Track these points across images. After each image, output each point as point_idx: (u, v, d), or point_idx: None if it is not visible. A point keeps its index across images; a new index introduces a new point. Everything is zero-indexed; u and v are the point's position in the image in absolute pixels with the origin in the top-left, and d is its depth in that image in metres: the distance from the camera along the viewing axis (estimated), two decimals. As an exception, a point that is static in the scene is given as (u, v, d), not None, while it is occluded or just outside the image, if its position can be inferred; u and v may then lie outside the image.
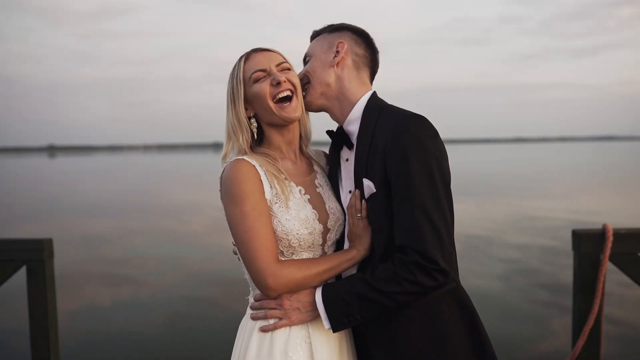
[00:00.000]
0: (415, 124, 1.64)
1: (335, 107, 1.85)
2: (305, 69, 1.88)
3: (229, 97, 1.81)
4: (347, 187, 1.85)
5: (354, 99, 1.82)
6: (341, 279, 1.73)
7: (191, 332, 5.74)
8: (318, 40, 1.90)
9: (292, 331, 1.71)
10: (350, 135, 1.83)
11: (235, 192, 1.66)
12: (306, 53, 1.92)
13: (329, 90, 1.83)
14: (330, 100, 1.84)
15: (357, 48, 1.86)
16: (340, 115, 1.85)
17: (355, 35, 1.87)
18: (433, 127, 1.66)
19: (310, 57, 1.88)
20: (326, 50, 1.85)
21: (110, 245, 10.98)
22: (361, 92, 1.83)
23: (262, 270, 1.64)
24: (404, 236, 1.60)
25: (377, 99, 1.83)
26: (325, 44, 1.86)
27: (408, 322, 1.68)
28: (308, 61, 1.89)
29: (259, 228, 1.65)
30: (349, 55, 1.83)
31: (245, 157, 1.73)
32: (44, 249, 3.11)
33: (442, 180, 1.62)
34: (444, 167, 1.64)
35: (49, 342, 3.16)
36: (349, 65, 1.83)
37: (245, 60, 1.80)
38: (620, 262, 2.91)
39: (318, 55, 1.86)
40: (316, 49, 1.88)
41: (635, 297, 6.36)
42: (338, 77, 1.82)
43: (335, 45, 1.84)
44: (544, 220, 12.63)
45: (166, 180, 32.71)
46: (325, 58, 1.84)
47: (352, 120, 1.81)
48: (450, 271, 1.60)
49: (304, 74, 1.87)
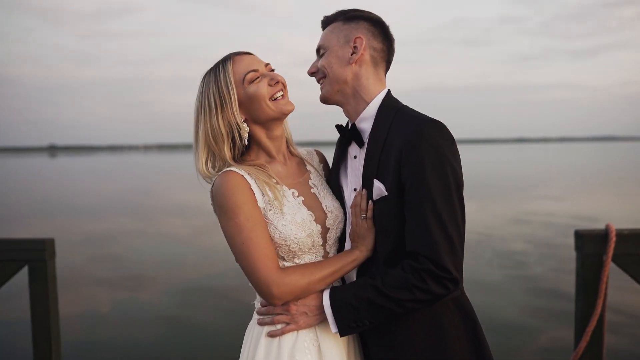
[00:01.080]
0: (433, 130, 1.62)
1: (349, 103, 1.80)
2: (321, 63, 1.80)
3: (212, 102, 1.73)
4: (352, 184, 1.82)
5: (370, 96, 1.77)
6: (349, 283, 1.72)
7: (192, 332, 5.74)
8: (333, 31, 1.80)
9: (300, 335, 1.70)
10: (361, 132, 1.79)
11: (227, 205, 1.64)
12: (320, 44, 1.82)
13: (346, 88, 1.78)
14: (345, 96, 1.79)
15: (374, 42, 1.78)
16: (353, 111, 1.81)
17: (372, 26, 1.78)
18: (450, 134, 1.64)
19: (325, 50, 1.79)
20: (343, 45, 1.77)
21: (110, 245, 10.97)
22: (377, 90, 1.79)
23: (265, 280, 1.62)
24: (416, 242, 1.58)
25: (392, 99, 1.79)
26: (342, 37, 1.77)
27: (410, 327, 1.67)
28: (323, 54, 1.80)
29: (256, 238, 1.63)
30: (366, 51, 1.76)
31: (233, 168, 1.70)
32: (46, 249, 3.11)
33: (456, 188, 1.61)
34: (458, 175, 1.63)
35: (51, 342, 3.16)
36: (366, 61, 1.77)
37: (233, 63, 1.75)
38: (623, 263, 2.90)
39: (334, 49, 1.77)
40: (331, 41, 1.78)
41: (638, 298, 6.35)
42: (355, 75, 1.76)
43: (352, 40, 1.76)
44: (545, 220, 12.61)
45: (167, 180, 32.71)
46: (342, 54, 1.76)
47: (365, 117, 1.78)
48: (461, 280, 1.60)
49: (320, 68, 1.80)
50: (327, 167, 2.01)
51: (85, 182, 31.02)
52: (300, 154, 1.95)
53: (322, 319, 1.68)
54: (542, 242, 10.32)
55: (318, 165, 1.96)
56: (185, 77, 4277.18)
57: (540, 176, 28.50)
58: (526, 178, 27.56)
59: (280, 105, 1.76)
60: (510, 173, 30.60)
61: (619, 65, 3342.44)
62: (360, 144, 1.78)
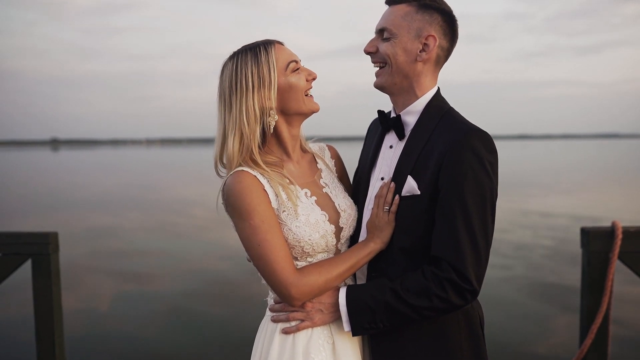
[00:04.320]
0: (479, 140, 1.59)
1: (401, 95, 1.75)
2: (385, 50, 1.70)
3: (250, 81, 1.65)
4: (381, 173, 1.78)
5: (422, 92, 1.73)
6: (366, 283, 1.70)
7: (195, 325, 5.74)
8: (404, 18, 1.68)
9: (314, 332, 1.68)
10: (404, 124, 1.74)
11: (242, 206, 1.61)
12: (385, 27, 1.70)
13: (404, 81, 1.72)
14: (400, 89, 1.74)
15: (444, 41, 1.71)
16: (401, 103, 1.76)
17: (445, 23, 1.69)
18: (494, 145, 1.62)
19: (392, 36, 1.68)
20: (413, 39, 1.67)
21: (113, 239, 10.98)
22: (430, 87, 1.74)
23: (283, 282, 1.60)
24: (442, 248, 1.56)
25: (440, 98, 1.76)
26: (413, 29, 1.67)
27: (416, 335, 1.66)
28: (387, 39, 1.70)
29: (272, 240, 1.60)
30: (435, 50, 1.69)
31: (245, 168, 1.66)
32: (50, 243, 3.10)
33: (491, 201, 1.60)
34: (494, 189, 1.61)
35: (54, 335, 3.15)
36: (432, 60, 1.71)
37: (276, 48, 1.70)
38: (630, 261, 2.88)
39: (403, 39, 1.67)
40: (401, 29, 1.67)
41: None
42: (418, 72, 1.70)
43: (424, 36, 1.66)
44: (548, 218, 12.59)
45: (169, 174, 32.74)
46: (411, 47, 1.67)
47: (411, 111, 1.73)
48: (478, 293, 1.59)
49: (382, 53, 1.71)
50: (339, 162, 1.99)
51: (88, 176, 31.06)
52: (312, 149, 1.92)
53: (338, 316, 1.67)
54: (546, 239, 10.30)
55: (329, 161, 1.94)
56: (187, 72, 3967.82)
57: (544, 173, 28.44)
58: (529, 175, 27.50)
59: (311, 102, 1.75)
60: (514, 170, 30.53)
61: (623, 62, 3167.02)
62: (400, 135, 1.74)
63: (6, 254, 3.12)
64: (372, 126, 1.99)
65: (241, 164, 1.68)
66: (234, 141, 1.67)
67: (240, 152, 1.67)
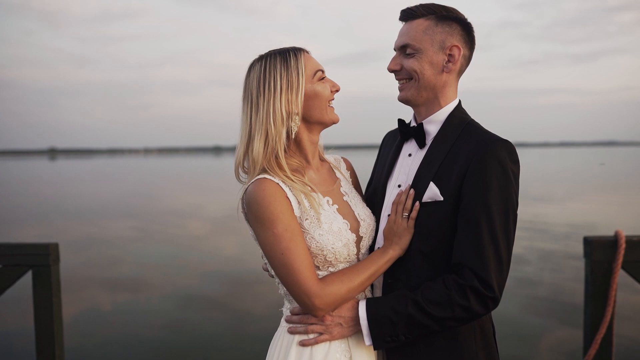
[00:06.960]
0: (504, 150, 1.61)
1: (425, 105, 1.77)
2: (411, 65, 1.71)
3: (279, 84, 1.66)
4: (398, 180, 1.79)
5: (445, 102, 1.75)
6: (386, 296, 1.69)
7: (193, 335, 5.71)
8: (426, 32, 1.70)
9: (332, 345, 1.67)
10: (426, 133, 1.76)
11: (265, 214, 1.59)
12: (408, 43, 1.71)
13: (431, 93, 1.74)
14: (426, 100, 1.75)
15: (466, 50, 1.73)
16: (424, 113, 1.77)
17: (464, 31, 1.72)
18: (517, 154, 1.64)
19: (416, 52, 1.70)
20: (437, 51, 1.69)
21: (111, 248, 10.94)
22: (452, 98, 1.76)
23: (307, 292, 1.58)
24: (465, 255, 1.56)
25: (462, 109, 1.78)
26: (436, 42, 1.69)
27: (432, 348, 1.65)
28: (412, 54, 1.71)
29: (295, 249, 1.58)
30: (460, 60, 1.71)
31: (267, 176, 1.64)
32: (50, 254, 3.08)
33: (513, 210, 1.61)
34: (516, 198, 1.63)
35: (54, 347, 3.14)
36: (457, 70, 1.74)
37: (305, 56, 1.71)
38: (633, 270, 2.88)
39: (428, 54, 1.69)
40: (424, 44, 1.69)
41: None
42: (444, 83, 1.73)
43: (448, 47, 1.69)
44: (549, 226, 12.59)
45: (167, 183, 32.69)
46: (436, 60, 1.70)
47: (433, 120, 1.75)
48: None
49: (408, 69, 1.72)
50: (354, 174, 1.98)
51: (86, 185, 31.01)
52: (328, 159, 1.91)
53: (356, 330, 1.66)
54: (546, 246, 10.29)
55: (345, 173, 1.93)
56: (185, 81, 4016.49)
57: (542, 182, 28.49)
58: (527, 182, 27.55)
59: (333, 112, 1.76)
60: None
61: (619, 70, 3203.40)
62: (421, 144, 1.76)
63: (7, 265, 3.10)
64: (386, 138, 2.00)
65: (265, 168, 1.66)
66: (260, 142, 1.66)
67: (265, 153, 1.66)
